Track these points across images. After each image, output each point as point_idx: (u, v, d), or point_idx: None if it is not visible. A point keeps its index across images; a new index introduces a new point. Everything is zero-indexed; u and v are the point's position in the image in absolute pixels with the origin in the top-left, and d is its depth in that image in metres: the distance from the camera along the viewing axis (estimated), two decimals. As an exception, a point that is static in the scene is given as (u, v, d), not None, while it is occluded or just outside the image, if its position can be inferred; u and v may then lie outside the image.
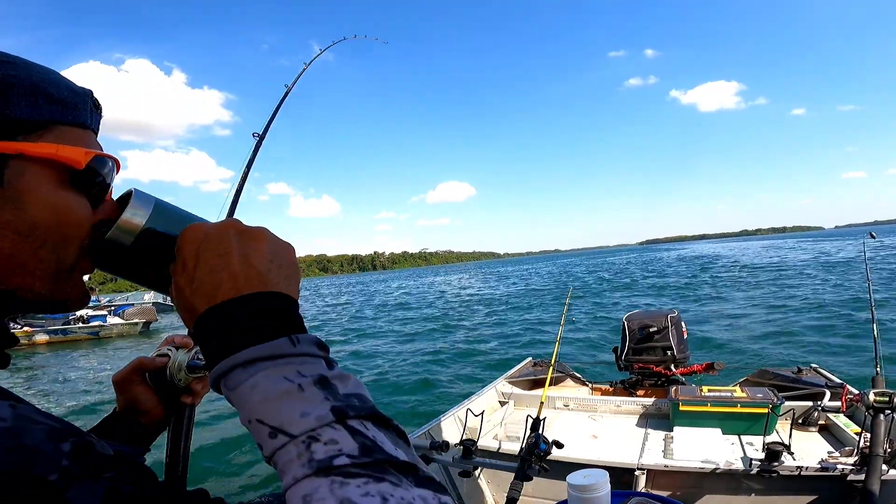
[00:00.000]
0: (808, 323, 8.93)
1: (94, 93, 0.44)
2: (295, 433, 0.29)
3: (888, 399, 1.72)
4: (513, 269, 69.93)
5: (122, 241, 0.40)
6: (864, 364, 5.66)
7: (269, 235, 0.39)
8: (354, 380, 0.34)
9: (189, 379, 0.61)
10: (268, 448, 0.30)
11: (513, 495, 1.58)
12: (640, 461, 2.06)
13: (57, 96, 0.39)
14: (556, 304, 16.30)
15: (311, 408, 0.30)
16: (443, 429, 2.47)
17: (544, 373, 2.89)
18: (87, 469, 0.30)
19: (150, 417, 0.61)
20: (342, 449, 0.29)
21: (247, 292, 0.35)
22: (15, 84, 0.36)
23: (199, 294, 0.36)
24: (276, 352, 0.33)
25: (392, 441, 0.31)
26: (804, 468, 1.82)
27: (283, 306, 0.36)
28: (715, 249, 69.19)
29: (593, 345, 8.64)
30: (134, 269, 0.43)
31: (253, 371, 0.32)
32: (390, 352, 9.96)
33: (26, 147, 0.36)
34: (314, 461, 0.28)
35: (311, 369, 0.33)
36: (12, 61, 0.37)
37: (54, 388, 8.69)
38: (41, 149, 0.36)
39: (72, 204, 0.39)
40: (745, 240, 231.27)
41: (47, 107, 0.38)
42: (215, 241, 0.37)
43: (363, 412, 0.32)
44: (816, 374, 2.83)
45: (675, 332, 3.05)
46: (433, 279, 58.33)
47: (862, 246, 2.78)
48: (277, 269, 0.38)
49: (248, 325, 0.34)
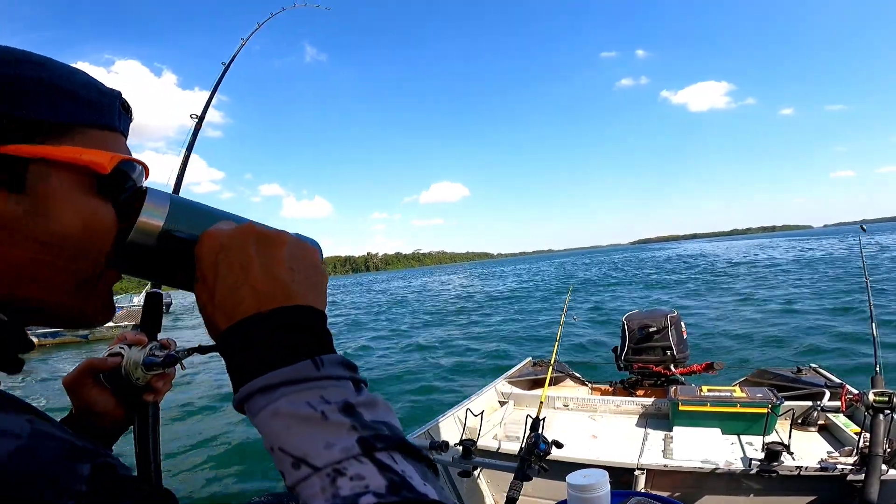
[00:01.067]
0: (808, 323, 8.94)
1: (122, 94, 0.41)
2: (319, 465, 0.28)
3: (888, 399, 1.72)
4: (509, 268, 69.98)
5: (144, 243, 0.38)
6: (864, 364, 5.67)
7: (290, 239, 0.38)
8: (383, 404, 0.32)
9: (147, 377, 0.58)
10: (291, 478, 0.29)
11: (512, 495, 1.58)
12: (640, 461, 2.06)
13: (82, 97, 0.37)
14: (555, 304, 16.30)
15: (336, 438, 0.29)
16: (442, 429, 2.47)
17: (544, 373, 2.89)
18: (106, 495, 0.27)
19: (109, 418, 0.58)
20: (369, 486, 0.27)
21: (268, 309, 0.33)
22: (35, 83, 0.34)
23: (219, 311, 0.34)
24: (299, 375, 0.31)
25: (421, 474, 0.29)
26: (804, 468, 1.82)
27: (308, 322, 0.34)
28: (706, 248, 69.40)
29: (593, 344, 8.64)
30: (160, 272, 0.41)
31: (274, 396, 0.30)
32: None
33: (47, 150, 0.34)
34: (339, 497, 0.27)
35: (337, 394, 0.31)
36: (32, 60, 0.35)
37: (44, 391, 8.68)
38: (63, 152, 0.34)
39: (97, 211, 0.37)
40: (736, 239, 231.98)
41: (71, 108, 0.36)
42: (234, 252, 0.35)
43: (391, 443, 0.30)
44: (816, 374, 2.83)
45: (674, 332, 3.05)
46: (434, 278, 58.32)
47: (852, 243, 2.79)
48: (301, 277, 0.36)
49: (269, 346, 0.32)
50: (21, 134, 0.33)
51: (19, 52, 0.36)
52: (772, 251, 39.00)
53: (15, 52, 0.35)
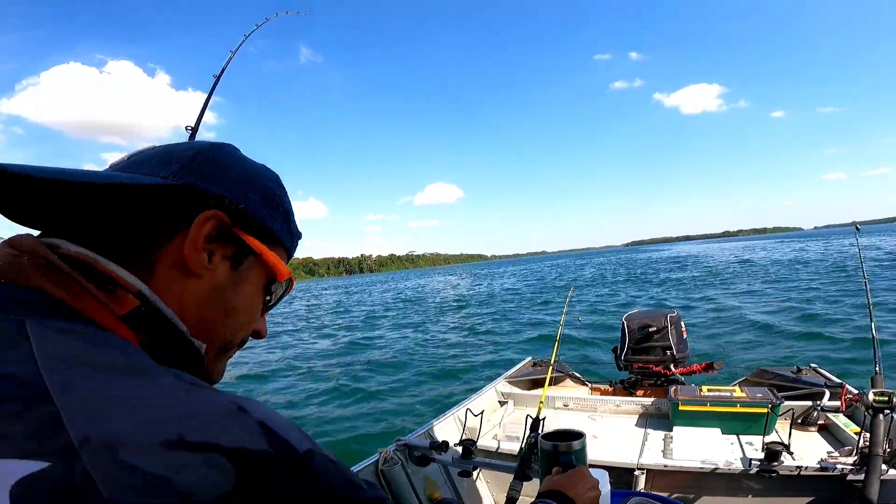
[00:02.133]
0: (808, 321, 8.94)
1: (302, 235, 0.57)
2: None
3: (887, 399, 1.72)
4: (507, 269, 69.91)
5: None
6: (863, 363, 5.67)
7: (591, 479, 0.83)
8: None
9: None
10: None
11: (512, 495, 1.58)
12: (640, 461, 2.06)
13: (294, 228, 0.52)
14: (554, 305, 16.30)
15: None
16: (442, 429, 2.47)
17: (544, 372, 2.89)
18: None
19: None
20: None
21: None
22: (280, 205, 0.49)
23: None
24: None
25: None
26: (803, 468, 1.82)
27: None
28: (701, 249, 69.48)
29: (593, 344, 8.64)
30: None
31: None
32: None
33: (265, 251, 0.46)
34: None
35: None
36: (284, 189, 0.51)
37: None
38: (272, 257, 0.47)
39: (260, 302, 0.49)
40: (728, 240, 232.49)
41: (286, 231, 0.50)
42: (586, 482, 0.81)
43: None
44: (816, 374, 2.83)
45: (674, 331, 3.05)
46: (433, 279, 58.25)
47: (848, 243, 2.79)
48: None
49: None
50: (258, 233, 0.46)
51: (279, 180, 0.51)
52: (770, 252, 39.08)
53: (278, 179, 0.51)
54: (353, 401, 6.46)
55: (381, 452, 2.07)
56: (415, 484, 2.08)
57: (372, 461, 2.04)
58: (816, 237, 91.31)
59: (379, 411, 5.93)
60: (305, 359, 9.90)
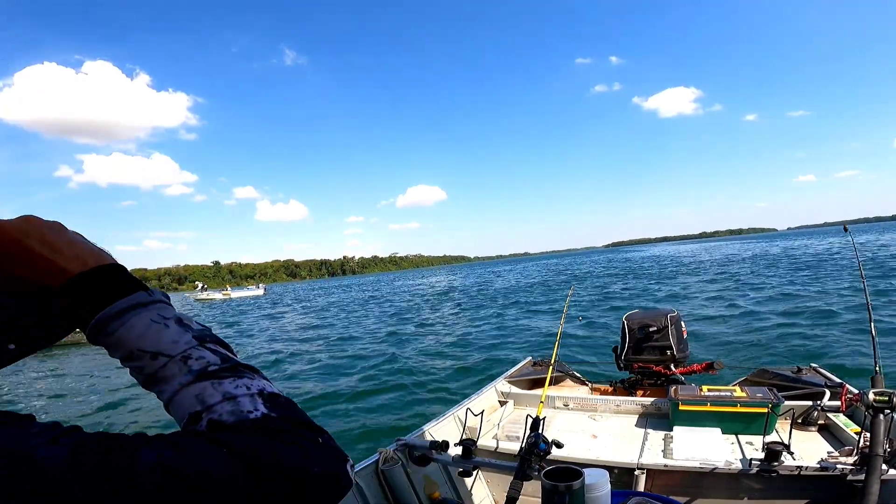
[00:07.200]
0: (806, 322, 8.93)
1: None
2: (172, 354, 0.42)
3: (888, 399, 1.72)
4: (496, 269, 69.89)
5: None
6: (862, 363, 5.67)
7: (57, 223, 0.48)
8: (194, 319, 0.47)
9: None
10: (150, 368, 0.42)
11: (512, 495, 1.58)
12: (640, 461, 2.06)
13: None
14: (554, 305, 16.29)
15: (179, 336, 0.43)
16: (442, 429, 2.47)
17: (544, 372, 2.89)
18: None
19: None
20: (209, 360, 0.43)
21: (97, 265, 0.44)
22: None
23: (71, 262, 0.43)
24: (140, 301, 0.44)
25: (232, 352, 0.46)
26: (804, 468, 1.82)
27: (125, 272, 0.46)
28: (680, 250, 69.54)
29: (593, 344, 8.64)
30: None
31: (125, 318, 0.42)
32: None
33: None
34: (193, 371, 0.42)
35: (169, 312, 0.45)
36: None
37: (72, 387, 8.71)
38: None
39: None
40: (706, 241, 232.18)
41: None
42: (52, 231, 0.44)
43: (211, 338, 0.45)
44: (816, 374, 2.83)
45: (674, 331, 3.04)
46: (421, 280, 58.21)
47: (837, 242, 2.79)
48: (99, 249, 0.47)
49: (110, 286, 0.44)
50: None
51: None
52: (756, 252, 39.04)
53: None
54: (352, 401, 6.47)
55: (381, 452, 2.07)
56: (415, 484, 2.08)
57: (372, 461, 2.04)
58: (793, 237, 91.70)
59: (379, 411, 5.94)
60: (303, 355, 9.90)
